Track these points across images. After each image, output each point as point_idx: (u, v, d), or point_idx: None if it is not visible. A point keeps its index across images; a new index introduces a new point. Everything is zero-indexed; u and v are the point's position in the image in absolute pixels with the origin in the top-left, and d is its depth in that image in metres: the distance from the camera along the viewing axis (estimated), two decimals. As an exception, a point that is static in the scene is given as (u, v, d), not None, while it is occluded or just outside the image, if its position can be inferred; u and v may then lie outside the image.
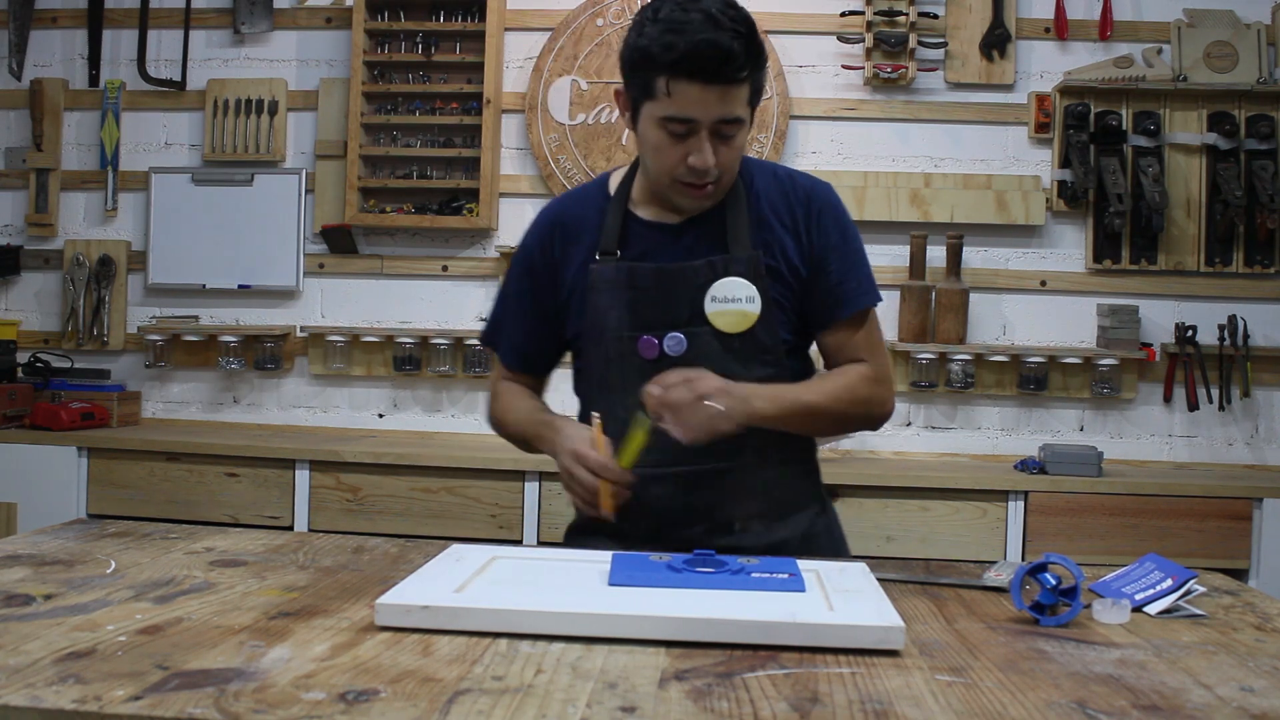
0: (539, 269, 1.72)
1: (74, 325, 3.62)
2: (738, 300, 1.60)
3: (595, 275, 1.64)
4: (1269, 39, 3.35)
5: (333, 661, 1.04)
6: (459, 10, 3.50)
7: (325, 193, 3.56)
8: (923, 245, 3.35)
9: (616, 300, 1.63)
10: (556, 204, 1.78)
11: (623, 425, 1.56)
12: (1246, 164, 3.32)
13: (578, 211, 1.71)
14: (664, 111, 1.52)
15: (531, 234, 1.75)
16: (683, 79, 1.48)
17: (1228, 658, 1.17)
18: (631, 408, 1.57)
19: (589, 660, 1.07)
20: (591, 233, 1.68)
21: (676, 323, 1.62)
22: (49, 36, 3.70)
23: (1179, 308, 3.39)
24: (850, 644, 1.13)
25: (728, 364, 1.61)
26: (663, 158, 1.56)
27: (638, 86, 1.54)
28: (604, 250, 1.65)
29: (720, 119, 1.52)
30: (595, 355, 1.67)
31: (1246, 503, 2.96)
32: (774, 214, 1.68)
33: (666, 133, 1.53)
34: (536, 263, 1.72)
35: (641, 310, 1.62)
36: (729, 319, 1.61)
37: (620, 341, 1.63)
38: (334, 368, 3.53)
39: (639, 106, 1.56)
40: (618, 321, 1.63)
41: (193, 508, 3.14)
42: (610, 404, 1.64)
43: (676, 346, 1.61)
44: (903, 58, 3.40)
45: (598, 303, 1.64)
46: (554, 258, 1.71)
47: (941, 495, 3.01)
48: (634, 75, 1.55)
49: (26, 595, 1.24)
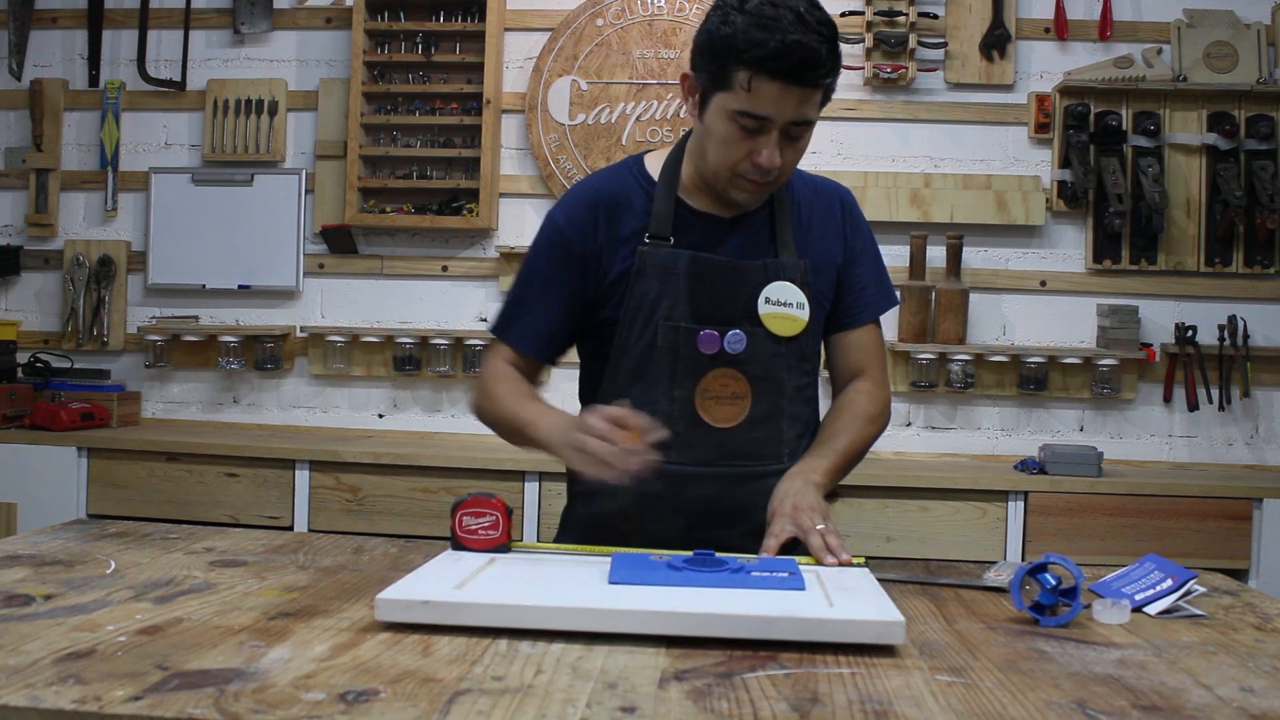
0: (575, 250, 1.62)
1: (74, 325, 3.62)
2: (789, 305, 1.60)
3: (645, 258, 1.58)
4: (1269, 39, 3.35)
5: (333, 662, 1.04)
6: (459, 10, 3.50)
7: (325, 193, 3.56)
8: (923, 245, 3.35)
9: (669, 288, 1.57)
10: (592, 183, 1.68)
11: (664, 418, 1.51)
12: (1246, 164, 3.32)
13: (618, 191, 1.64)
14: (739, 105, 1.48)
15: (564, 214, 1.65)
16: (765, 77, 1.45)
17: (1228, 658, 1.17)
18: (676, 400, 1.56)
19: (589, 660, 1.07)
20: (636, 214, 1.61)
21: (733, 319, 1.59)
22: (49, 36, 3.71)
23: (1179, 308, 3.39)
24: (850, 639, 1.13)
25: (775, 368, 1.61)
26: (729, 151, 1.52)
27: (712, 75, 1.49)
28: (655, 234, 1.59)
29: (794, 120, 1.49)
30: (634, 342, 1.59)
31: (1246, 503, 2.96)
32: (816, 217, 1.68)
33: (737, 126, 1.49)
34: (573, 243, 1.62)
35: (700, 302, 1.58)
36: (781, 323, 1.60)
37: (675, 331, 1.57)
38: (334, 368, 3.53)
39: (710, 95, 1.51)
40: (671, 310, 1.57)
41: (193, 508, 3.14)
42: (651, 396, 1.58)
43: (737, 344, 1.59)
44: (903, 58, 3.40)
45: (646, 288, 1.57)
46: (595, 238, 1.62)
47: (941, 495, 3.01)
48: (711, 63, 1.49)
49: (26, 595, 1.24)
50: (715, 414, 1.59)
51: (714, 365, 1.58)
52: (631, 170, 1.67)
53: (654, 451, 1.41)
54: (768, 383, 1.61)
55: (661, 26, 3.46)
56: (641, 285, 1.58)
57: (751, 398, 1.60)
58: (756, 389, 1.60)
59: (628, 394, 1.57)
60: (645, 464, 1.40)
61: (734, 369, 1.59)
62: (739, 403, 1.60)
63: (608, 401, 1.56)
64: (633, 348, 1.60)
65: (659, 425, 1.43)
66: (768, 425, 1.62)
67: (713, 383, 1.59)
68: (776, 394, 1.62)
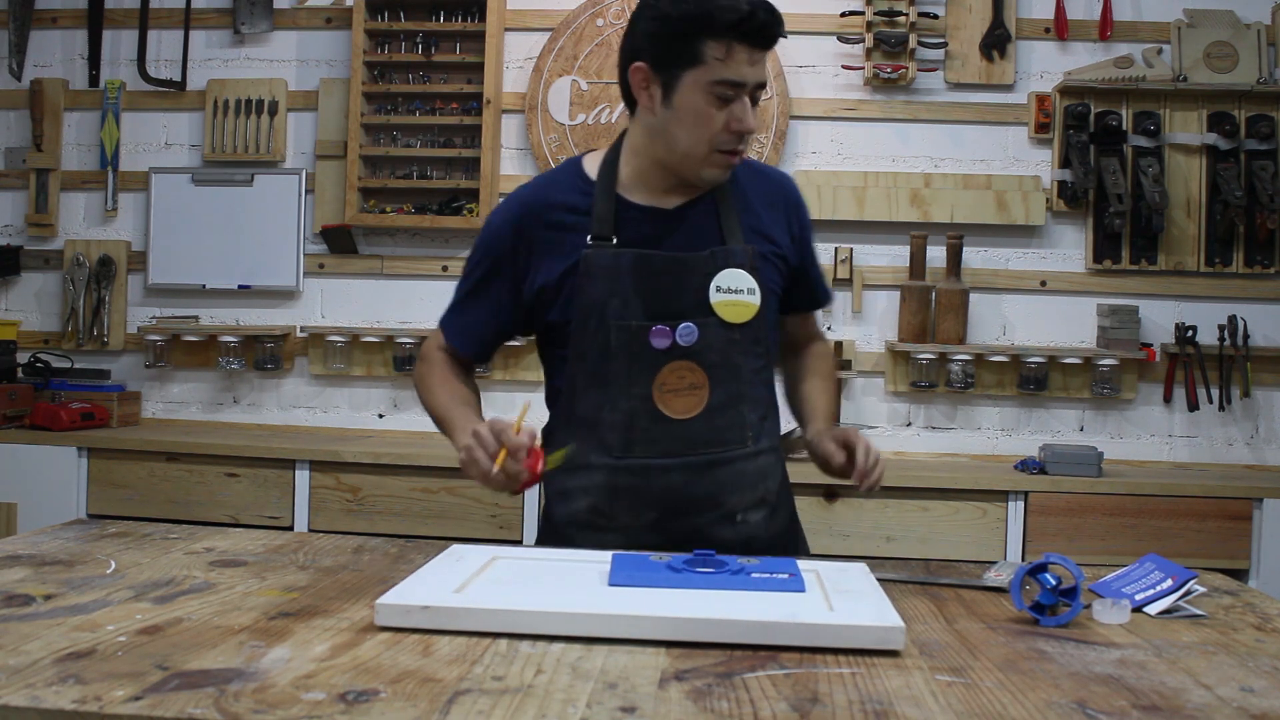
0: (506, 256, 1.66)
1: (74, 325, 3.62)
2: (740, 291, 1.62)
3: (589, 261, 1.60)
4: (1269, 39, 3.35)
5: (333, 662, 1.04)
6: (459, 10, 3.50)
7: (325, 193, 3.56)
8: (923, 245, 3.35)
9: (617, 288, 1.59)
10: (529, 189, 1.70)
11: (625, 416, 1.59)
12: (1246, 164, 3.32)
13: (555, 195, 1.66)
14: (715, 75, 1.52)
15: (500, 218, 1.68)
16: (738, 41, 1.51)
17: (1228, 658, 1.17)
18: (635, 397, 1.59)
19: (589, 660, 1.07)
20: (577, 216, 1.63)
21: (684, 312, 1.61)
22: (49, 36, 3.71)
23: (1179, 308, 3.39)
24: (850, 644, 1.13)
25: (731, 354, 1.63)
26: (706, 125, 1.55)
27: (678, 55, 1.53)
28: (598, 235, 1.61)
29: (758, 83, 1.55)
30: (589, 345, 1.61)
31: (1246, 503, 2.96)
32: (760, 201, 1.71)
33: (714, 98, 1.53)
34: (504, 249, 1.66)
35: (648, 299, 1.60)
36: (734, 310, 1.62)
37: (626, 331, 1.60)
38: (334, 368, 3.53)
39: (678, 77, 1.54)
40: (621, 310, 1.59)
41: (193, 508, 3.14)
42: (610, 395, 1.61)
43: (689, 336, 1.61)
44: (903, 58, 3.40)
45: (592, 290, 1.60)
46: (528, 243, 1.64)
47: (941, 495, 3.01)
48: (675, 44, 1.53)
49: (26, 595, 1.24)
50: (674, 406, 1.61)
51: (668, 359, 1.60)
52: (569, 172, 1.69)
53: (524, 474, 1.46)
54: (724, 370, 1.63)
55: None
56: (589, 288, 1.60)
57: (709, 387, 1.62)
58: (714, 377, 1.62)
59: (588, 395, 1.62)
60: (513, 484, 1.47)
61: (689, 360, 1.61)
62: (697, 393, 1.62)
63: (570, 403, 1.64)
64: (588, 350, 1.62)
65: (531, 444, 1.47)
66: (728, 411, 1.64)
67: (669, 376, 1.61)
68: (734, 380, 1.64)
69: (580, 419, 1.63)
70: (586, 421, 1.62)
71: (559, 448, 1.58)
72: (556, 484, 1.68)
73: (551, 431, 1.70)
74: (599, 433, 1.61)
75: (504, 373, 3.50)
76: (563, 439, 1.64)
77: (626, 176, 1.66)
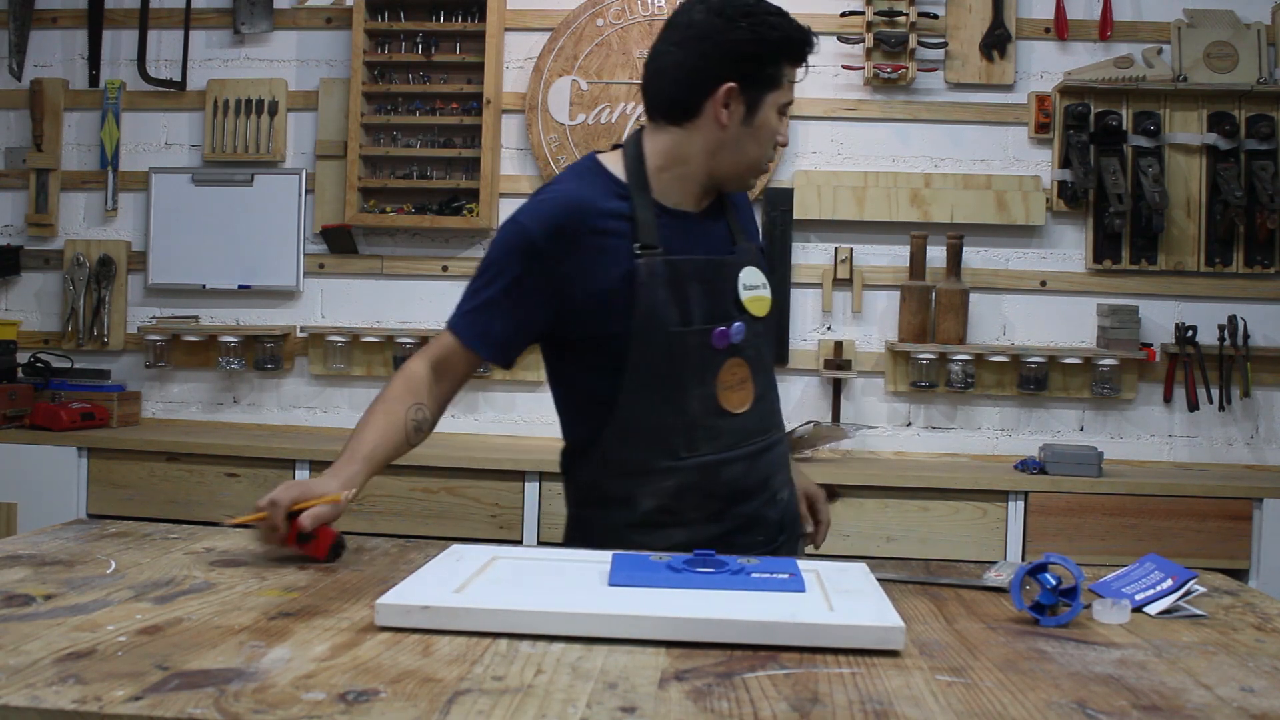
0: (546, 259, 1.61)
1: (74, 325, 3.62)
2: (758, 287, 1.72)
3: (647, 270, 1.61)
4: (1269, 39, 3.35)
5: (333, 662, 1.04)
6: (459, 10, 3.49)
7: (325, 193, 3.56)
8: (923, 245, 3.35)
9: (674, 295, 1.62)
10: (564, 192, 1.66)
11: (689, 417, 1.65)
12: (1246, 164, 3.32)
13: (596, 201, 1.64)
14: (785, 97, 1.67)
15: (535, 220, 1.62)
16: (797, 65, 1.67)
17: (1228, 658, 1.17)
18: (699, 398, 1.65)
19: (589, 660, 1.07)
20: (619, 221, 1.63)
21: (729, 312, 1.68)
22: (49, 36, 3.70)
23: (1179, 308, 3.39)
24: (850, 644, 1.13)
25: (760, 346, 1.74)
26: (771, 142, 1.69)
27: (766, 78, 1.64)
28: (646, 244, 1.62)
29: None
30: (652, 352, 1.62)
31: (1246, 503, 2.96)
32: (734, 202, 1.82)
33: (780, 117, 1.68)
34: (543, 252, 1.61)
35: (700, 302, 1.65)
36: (758, 304, 1.71)
37: (691, 335, 1.64)
38: (334, 368, 3.52)
39: (761, 98, 1.64)
40: (681, 315, 1.63)
41: (193, 508, 3.14)
42: (675, 399, 1.64)
43: (739, 334, 1.68)
44: (903, 58, 3.40)
45: (651, 298, 1.61)
46: (573, 248, 1.61)
47: (941, 495, 3.01)
48: (767, 68, 1.64)
49: (26, 595, 1.24)
50: (732, 401, 1.69)
51: (726, 358, 1.67)
52: (599, 175, 1.69)
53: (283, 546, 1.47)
54: (759, 362, 1.73)
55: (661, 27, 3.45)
56: (647, 296, 1.61)
57: (753, 379, 1.72)
58: (754, 370, 1.72)
59: (649, 401, 1.64)
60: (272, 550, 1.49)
61: (738, 357, 1.69)
62: (745, 386, 1.70)
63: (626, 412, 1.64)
64: (651, 357, 1.63)
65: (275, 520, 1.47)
66: (766, 400, 1.76)
67: (726, 374, 1.68)
68: (765, 370, 1.76)
69: (639, 426, 1.65)
70: (647, 428, 1.65)
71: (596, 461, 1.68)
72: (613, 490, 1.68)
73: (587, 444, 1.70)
74: (662, 437, 1.65)
75: (504, 373, 3.50)
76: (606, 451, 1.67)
77: (657, 183, 1.68)
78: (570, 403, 1.75)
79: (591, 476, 1.71)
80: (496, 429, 3.53)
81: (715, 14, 1.61)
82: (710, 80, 1.62)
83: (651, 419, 1.65)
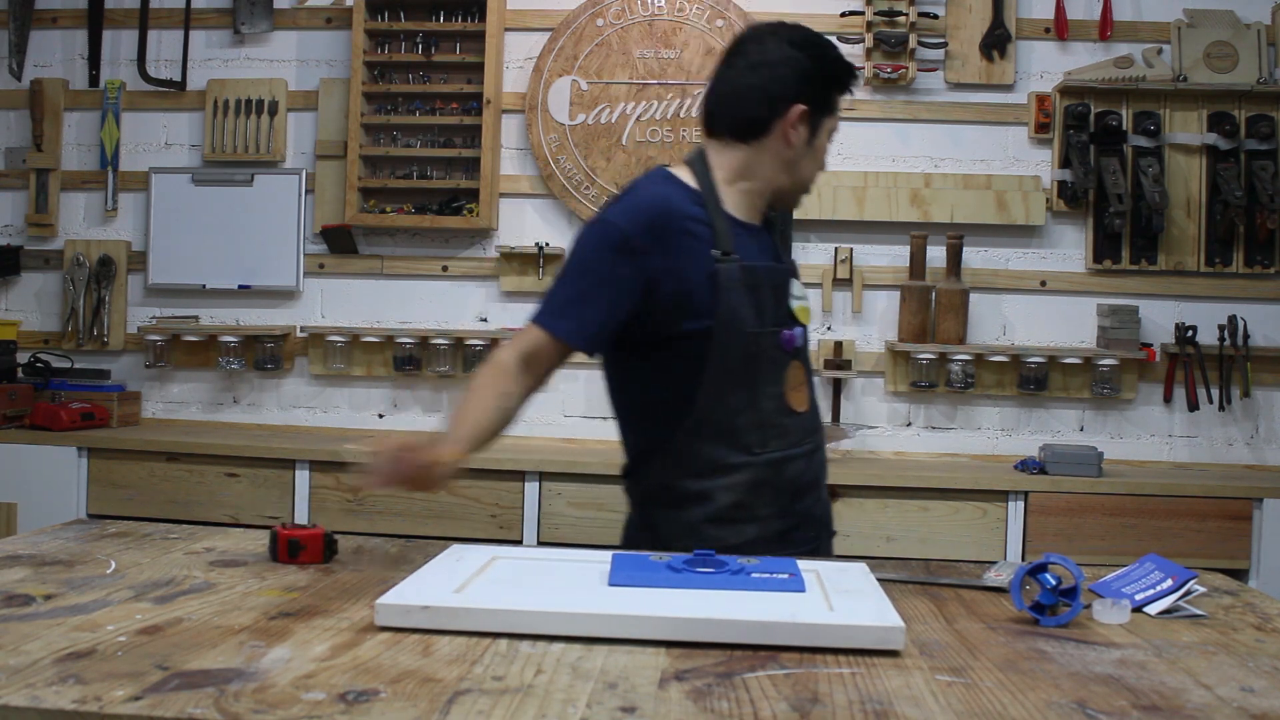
0: (643, 255, 1.69)
1: (74, 325, 3.62)
2: (803, 298, 1.85)
3: (726, 275, 1.72)
4: (1269, 39, 3.35)
5: (333, 662, 1.04)
6: (459, 10, 3.50)
7: (325, 193, 3.56)
8: (923, 245, 3.35)
9: (749, 299, 1.73)
10: (657, 197, 1.75)
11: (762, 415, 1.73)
12: (1246, 164, 3.32)
13: (680, 205, 1.75)
14: (835, 123, 1.82)
15: (629, 219, 1.71)
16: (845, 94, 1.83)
17: (1228, 658, 1.17)
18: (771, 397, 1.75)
19: (589, 660, 1.07)
20: (699, 226, 1.74)
21: (785, 318, 1.81)
22: (49, 36, 3.71)
23: (1179, 308, 3.39)
24: (850, 644, 1.13)
25: (807, 351, 1.87)
26: (821, 163, 1.84)
27: (828, 104, 1.80)
28: (725, 251, 1.73)
29: None
30: (731, 352, 1.72)
31: (1246, 503, 2.96)
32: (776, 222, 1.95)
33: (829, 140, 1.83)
34: (641, 251, 1.69)
35: (768, 307, 1.77)
36: (804, 313, 1.84)
37: (764, 337, 1.75)
38: (334, 368, 3.53)
39: (821, 122, 1.80)
40: (756, 318, 1.74)
41: (193, 508, 3.14)
42: (750, 397, 1.74)
43: (800, 338, 1.82)
44: (903, 58, 3.40)
45: (730, 301, 1.71)
46: (666, 246, 1.70)
47: (941, 495, 3.01)
48: (831, 95, 1.81)
49: (26, 595, 1.24)
50: (796, 400, 1.80)
51: (791, 359, 1.79)
52: (676, 184, 1.79)
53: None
54: (808, 366, 1.87)
55: (661, 26, 3.46)
56: (727, 299, 1.72)
57: (807, 381, 1.84)
58: (807, 372, 1.85)
59: (726, 398, 1.72)
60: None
61: (798, 359, 1.82)
62: (803, 387, 1.82)
63: (704, 408, 1.72)
64: (730, 356, 1.72)
65: None
66: (814, 403, 1.88)
67: (792, 375, 1.79)
68: (811, 374, 1.88)
69: (716, 423, 1.73)
70: (723, 425, 1.73)
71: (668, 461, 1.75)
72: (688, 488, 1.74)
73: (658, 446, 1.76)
74: (737, 433, 1.73)
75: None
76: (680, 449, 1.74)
77: (727, 196, 1.80)
78: (640, 407, 1.81)
79: (663, 478, 1.76)
80: (496, 429, 3.52)
81: (788, 44, 1.79)
82: (784, 103, 1.76)
83: (728, 415, 1.73)
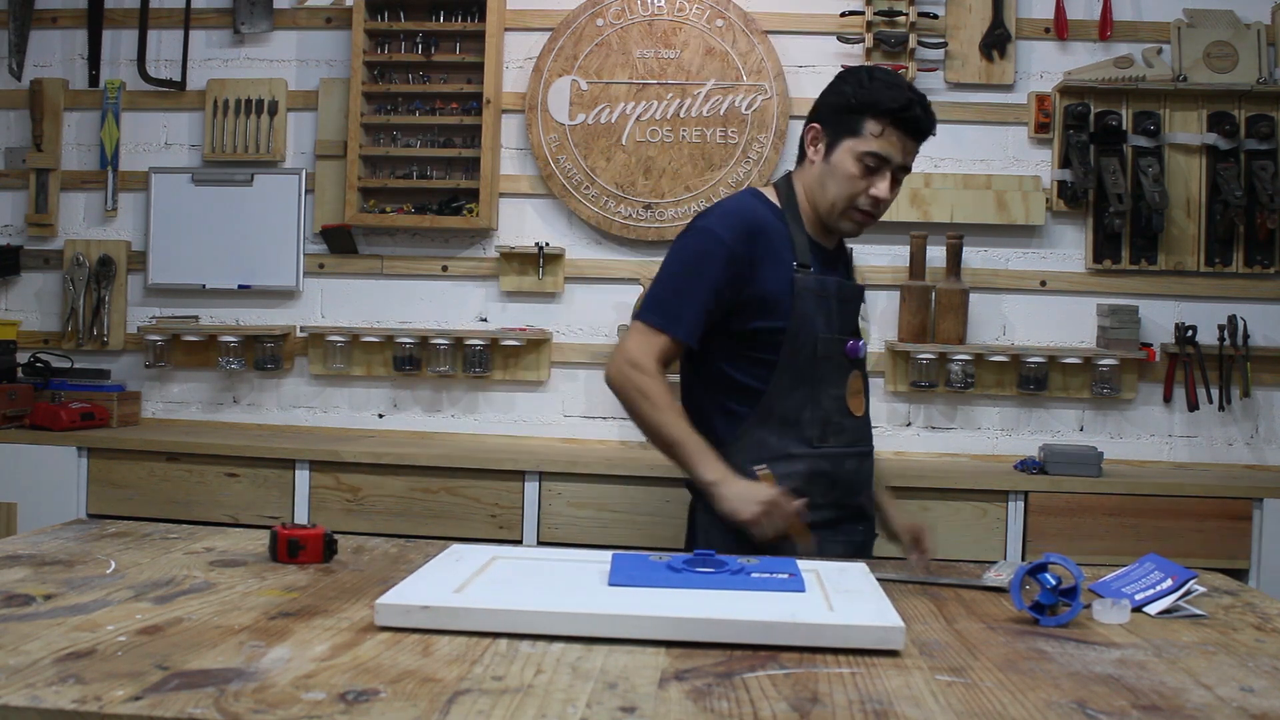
0: (736, 261, 1.90)
1: (74, 325, 3.62)
2: (866, 319, 2.08)
3: (803, 283, 1.93)
4: (1269, 39, 3.35)
5: (333, 661, 1.04)
6: (459, 10, 3.50)
7: (325, 193, 3.56)
8: (923, 245, 3.35)
9: (820, 308, 1.94)
10: (748, 209, 1.97)
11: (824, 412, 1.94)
12: (1246, 164, 3.32)
13: (767, 219, 1.96)
14: (866, 148, 1.91)
15: (728, 229, 1.92)
16: (893, 126, 1.90)
17: (1228, 658, 1.17)
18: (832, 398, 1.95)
19: (589, 660, 1.07)
20: (782, 239, 1.95)
21: (854, 330, 2.02)
22: (49, 36, 3.70)
23: (1179, 308, 3.39)
24: (850, 644, 1.13)
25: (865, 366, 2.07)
26: (850, 185, 1.93)
27: (844, 126, 1.93)
28: (803, 263, 1.95)
29: (903, 165, 1.95)
30: (801, 352, 1.93)
31: (1246, 503, 2.96)
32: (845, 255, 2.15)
33: (862, 165, 1.92)
34: (735, 255, 1.90)
35: (837, 318, 1.97)
36: (864, 332, 2.05)
37: (832, 343, 1.95)
38: (334, 368, 3.52)
39: (837, 141, 1.93)
40: (826, 325, 1.94)
41: (193, 508, 3.14)
42: (814, 395, 1.94)
43: (863, 350, 2.02)
44: (903, 58, 3.40)
45: (805, 306, 1.92)
46: (754, 257, 1.91)
47: (941, 495, 3.01)
48: (846, 117, 1.93)
49: (26, 595, 1.24)
50: (854, 405, 2.00)
51: (853, 368, 2.00)
52: (763, 200, 2.01)
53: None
54: (865, 378, 2.07)
55: (661, 26, 3.46)
56: (802, 305, 1.93)
57: (864, 390, 2.05)
58: (865, 382, 2.06)
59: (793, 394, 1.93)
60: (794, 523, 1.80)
61: (859, 369, 2.02)
62: (860, 395, 2.02)
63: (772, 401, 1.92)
64: (800, 356, 1.93)
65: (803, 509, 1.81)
66: (868, 411, 2.08)
67: (853, 382, 2.00)
68: (868, 385, 2.09)
69: (782, 415, 1.93)
70: (788, 417, 1.93)
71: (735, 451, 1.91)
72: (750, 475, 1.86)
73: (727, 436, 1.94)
74: (800, 427, 1.93)
75: (503, 373, 3.50)
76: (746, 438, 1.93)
77: (805, 216, 2.01)
78: (716, 396, 1.98)
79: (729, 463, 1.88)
80: (496, 429, 3.53)
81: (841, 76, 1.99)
82: (807, 124, 2.00)
83: (793, 409, 1.93)
